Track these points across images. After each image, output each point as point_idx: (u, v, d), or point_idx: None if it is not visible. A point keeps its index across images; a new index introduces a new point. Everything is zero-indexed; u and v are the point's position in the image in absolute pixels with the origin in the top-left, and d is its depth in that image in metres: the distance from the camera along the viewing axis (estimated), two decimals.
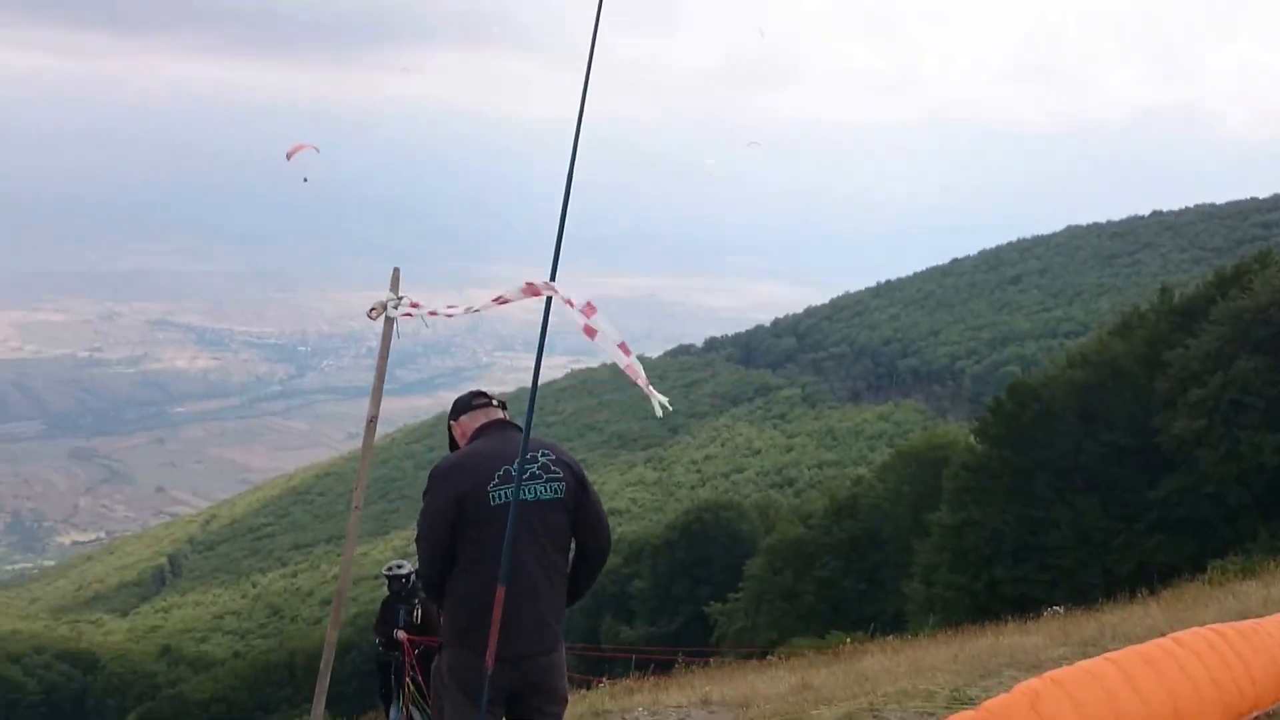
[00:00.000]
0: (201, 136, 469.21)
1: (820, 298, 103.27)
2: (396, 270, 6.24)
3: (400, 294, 6.11)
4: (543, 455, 4.51)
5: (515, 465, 4.35)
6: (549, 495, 4.43)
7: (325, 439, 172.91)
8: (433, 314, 5.83)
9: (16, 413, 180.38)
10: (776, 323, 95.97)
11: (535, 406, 4.55)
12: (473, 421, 4.74)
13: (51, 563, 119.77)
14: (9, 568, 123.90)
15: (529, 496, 4.37)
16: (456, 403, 4.88)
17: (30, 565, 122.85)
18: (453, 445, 4.78)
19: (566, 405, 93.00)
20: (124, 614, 75.12)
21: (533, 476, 4.43)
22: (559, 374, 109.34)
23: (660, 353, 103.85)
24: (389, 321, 6.12)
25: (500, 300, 4.84)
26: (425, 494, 4.48)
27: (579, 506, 4.51)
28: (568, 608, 4.64)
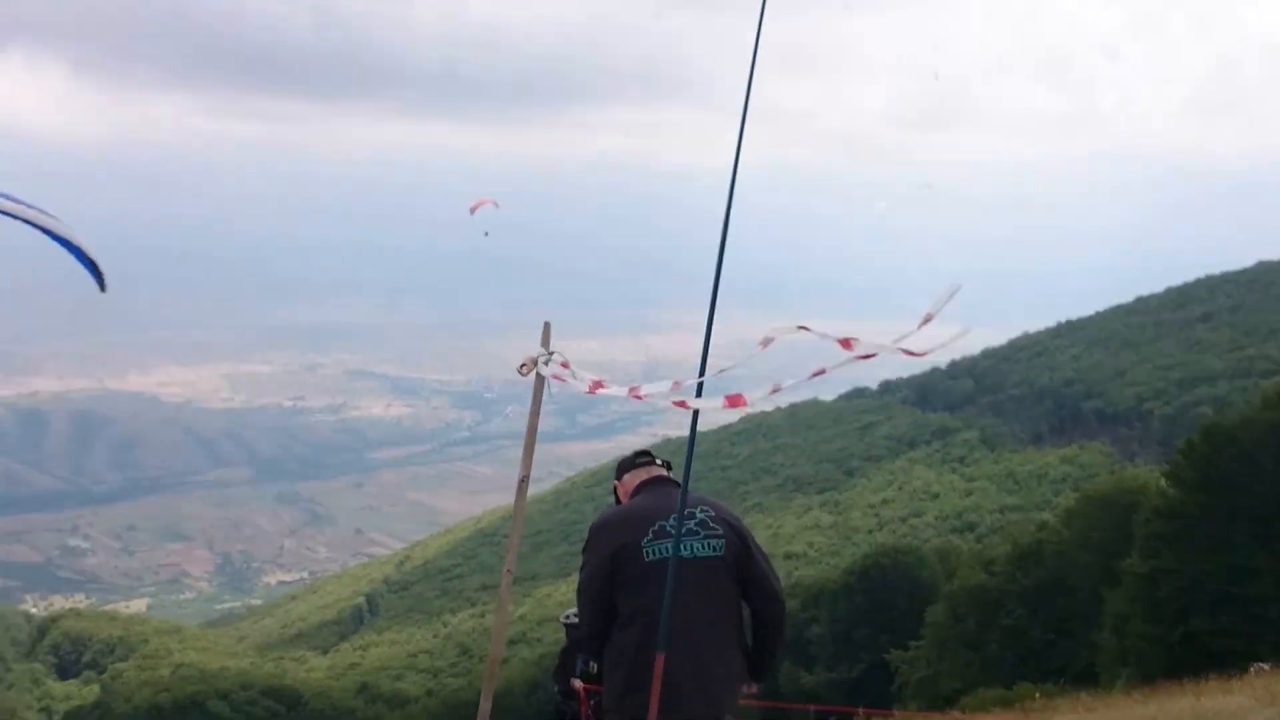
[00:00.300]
0: (394, 194, 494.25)
1: (998, 338, 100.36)
2: (547, 325, 6.02)
3: (551, 349, 5.89)
4: (701, 511, 4.34)
5: (672, 521, 4.19)
6: (707, 552, 4.24)
7: (510, 482, 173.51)
8: (592, 389, 5.47)
9: (228, 459, 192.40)
10: (953, 364, 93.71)
11: (711, 450, 4.56)
12: (634, 479, 4.70)
13: (258, 602, 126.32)
14: (219, 607, 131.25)
15: (686, 553, 4.19)
16: (620, 462, 4.90)
17: (238, 604, 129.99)
18: (617, 505, 4.72)
19: (741, 449, 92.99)
20: (325, 651, 78.59)
21: (690, 532, 4.25)
22: (734, 417, 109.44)
23: (834, 396, 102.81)
24: (539, 378, 5.88)
25: (649, 394, 4.71)
26: (584, 549, 4.46)
27: (742, 566, 4.30)
28: (759, 682, 4.44)
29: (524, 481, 6.19)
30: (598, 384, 5.44)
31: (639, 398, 4.68)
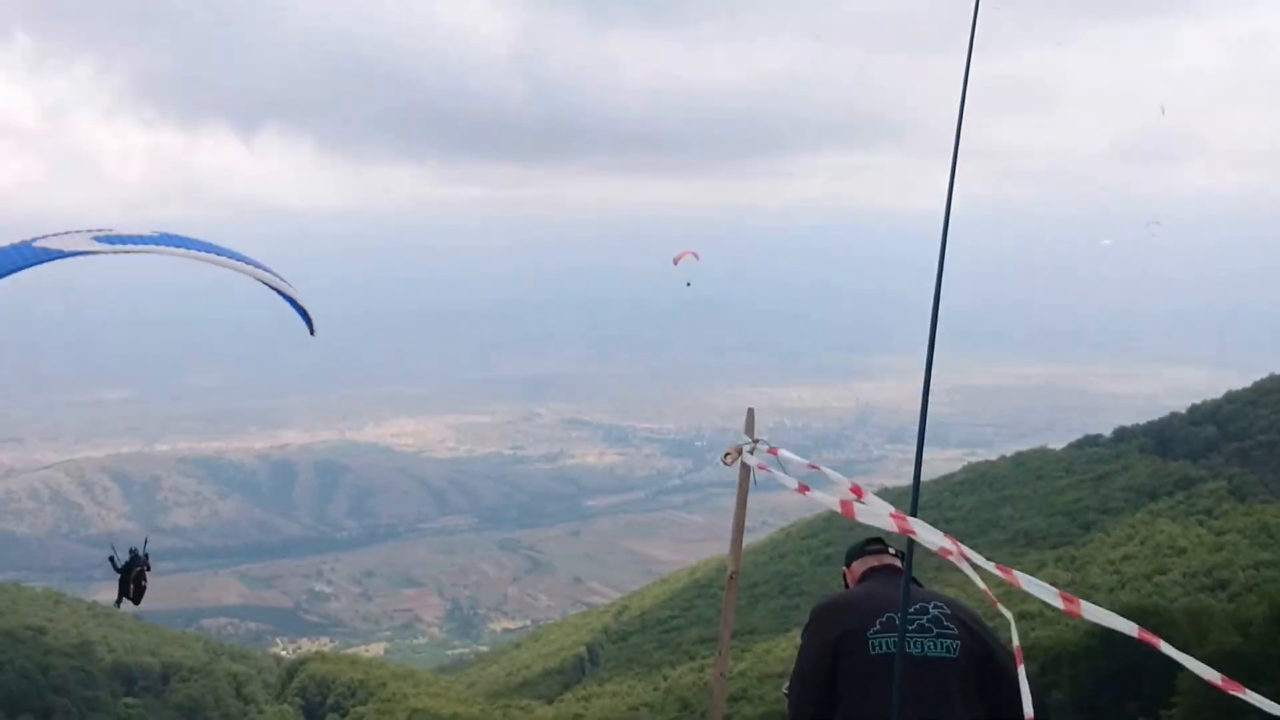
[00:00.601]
0: (605, 248, 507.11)
1: (1242, 381, 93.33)
2: (751, 411, 5.89)
3: (756, 437, 5.68)
4: (934, 608, 4.06)
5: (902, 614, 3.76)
6: (939, 652, 3.93)
7: (723, 531, 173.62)
8: (801, 489, 5.03)
9: (454, 507, 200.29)
10: (1193, 409, 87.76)
11: (931, 502, 4.07)
12: (862, 565, 4.54)
13: (485, 648, 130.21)
14: (449, 652, 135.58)
15: (915, 650, 3.88)
16: (850, 548, 4.74)
17: (467, 650, 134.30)
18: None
19: (965, 500, 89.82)
20: (549, 701, 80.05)
21: (921, 629, 3.96)
22: (955, 466, 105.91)
23: (1064, 444, 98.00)
24: (744, 468, 5.63)
25: (845, 506, 4.26)
26: (804, 631, 4.22)
27: (982, 671, 3.95)
28: None
29: (733, 578, 5.83)
30: (807, 480, 5.09)
31: (850, 515, 4.18)
